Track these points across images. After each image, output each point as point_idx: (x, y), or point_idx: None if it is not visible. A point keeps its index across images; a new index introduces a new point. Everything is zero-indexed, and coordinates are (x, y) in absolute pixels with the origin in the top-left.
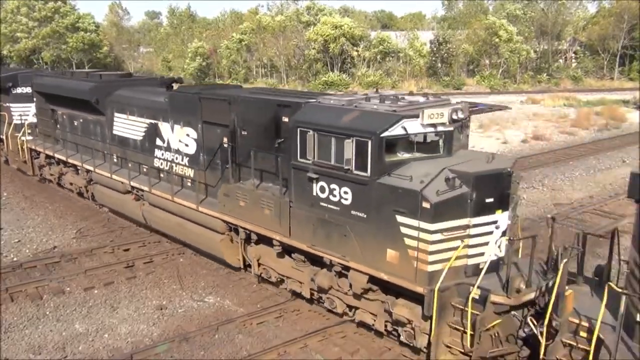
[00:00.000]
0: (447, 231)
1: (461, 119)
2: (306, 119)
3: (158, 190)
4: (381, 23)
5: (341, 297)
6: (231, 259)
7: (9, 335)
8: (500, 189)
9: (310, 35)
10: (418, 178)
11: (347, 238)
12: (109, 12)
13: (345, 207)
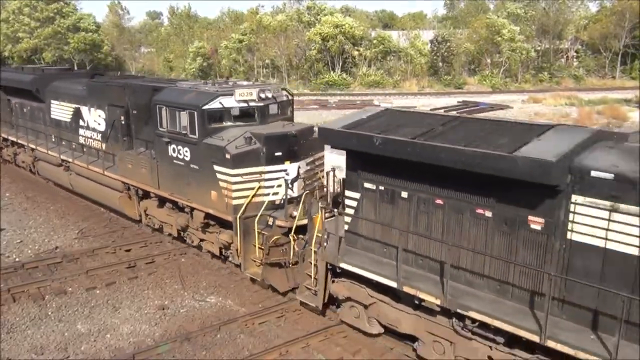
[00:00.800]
0: (245, 175)
1: (269, 98)
2: (162, 98)
3: (79, 161)
4: (382, 23)
5: (195, 233)
6: (130, 212)
7: (12, 335)
8: (287, 146)
9: (311, 36)
10: (227, 139)
11: (189, 185)
12: (109, 12)
13: (187, 162)
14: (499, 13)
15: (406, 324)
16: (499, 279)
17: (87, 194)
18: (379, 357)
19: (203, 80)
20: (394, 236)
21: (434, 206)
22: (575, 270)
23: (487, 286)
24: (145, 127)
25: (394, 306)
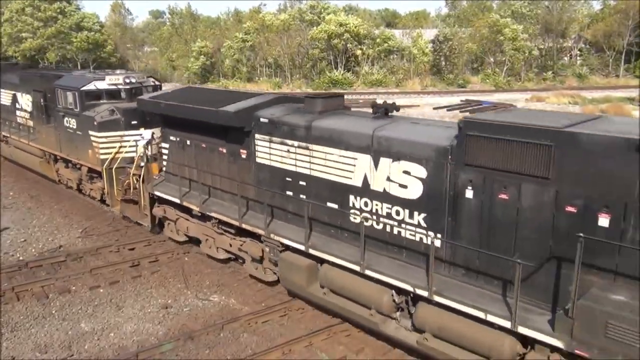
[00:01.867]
0: (109, 137)
1: (133, 82)
2: (59, 83)
3: (14, 136)
4: (385, 21)
5: (86, 184)
6: (50, 174)
7: (16, 334)
8: (141, 116)
9: (314, 34)
10: (98, 111)
11: (77, 147)
12: (111, 12)
13: (74, 129)
14: (502, 12)
15: (192, 230)
16: (230, 191)
17: (20, 162)
18: (381, 356)
19: (94, 70)
20: (186, 171)
21: (201, 149)
22: (261, 180)
23: (224, 197)
24: (53, 106)
25: (187, 219)
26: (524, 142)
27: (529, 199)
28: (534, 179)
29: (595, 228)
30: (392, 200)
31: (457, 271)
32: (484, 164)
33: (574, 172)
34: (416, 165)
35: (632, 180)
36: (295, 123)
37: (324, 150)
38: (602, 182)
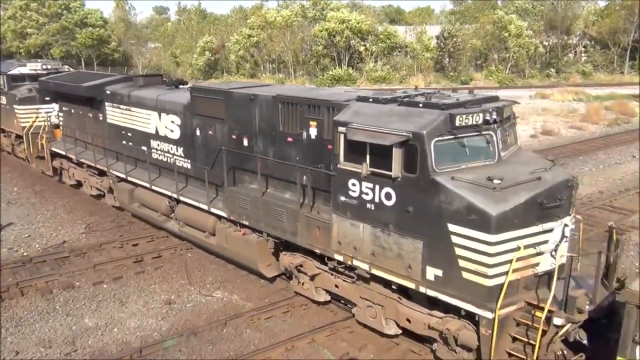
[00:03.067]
0: (27, 109)
1: (49, 69)
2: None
3: None
4: (389, 18)
5: (17, 149)
6: None
7: (20, 329)
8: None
9: (316, 32)
10: (20, 90)
11: (7, 119)
12: (116, 8)
13: (5, 105)
14: (507, 9)
15: (76, 175)
16: (96, 144)
17: None
18: (384, 352)
19: (20, 60)
20: (72, 132)
21: (79, 115)
22: (110, 134)
23: (94, 149)
24: None
25: (75, 168)
26: (214, 98)
27: (218, 132)
28: (220, 120)
29: (242, 146)
30: (168, 140)
31: (196, 182)
32: (201, 113)
33: (234, 115)
34: (176, 116)
35: (252, 117)
36: (123, 93)
37: (136, 110)
38: (244, 120)
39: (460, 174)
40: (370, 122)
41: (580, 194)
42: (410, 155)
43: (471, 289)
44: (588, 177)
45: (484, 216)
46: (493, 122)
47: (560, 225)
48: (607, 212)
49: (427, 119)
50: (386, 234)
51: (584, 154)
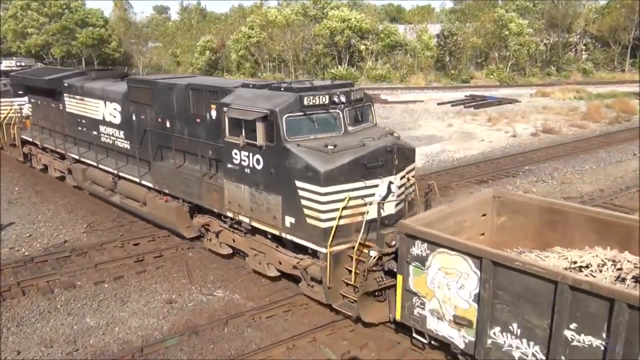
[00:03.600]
0: (3, 102)
1: (24, 66)
2: None
3: None
4: (390, 16)
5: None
6: None
7: (21, 329)
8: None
9: (317, 31)
10: None
11: None
12: (115, 7)
13: None
14: (507, 7)
15: (42, 159)
16: (58, 131)
17: None
18: (385, 351)
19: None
20: (39, 121)
21: (44, 105)
22: (69, 122)
23: (56, 135)
24: None
25: (42, 153)
26: (144, 87)
27: (148, 116)
28: (149, 106)
29: (165, 127)
30: (112, 125)
31: (134, 160)
32: (135, 100)
33: (159, 101)
34: (117, 104)
35: (172, 102)
36: (77, 85)
37: (88, 100)
38: (166, 105)
39: (307, 142)
40: (245, 103)
41: (581, 192)
42: (269, 128)
43: (312, 231)
44: (589, 176)
45: (316, 173)
46: (339, 102)
47: (385, 183)
48: (608, 210)
49: (281, 100)
50: (258, 192)
51: (585, 152)
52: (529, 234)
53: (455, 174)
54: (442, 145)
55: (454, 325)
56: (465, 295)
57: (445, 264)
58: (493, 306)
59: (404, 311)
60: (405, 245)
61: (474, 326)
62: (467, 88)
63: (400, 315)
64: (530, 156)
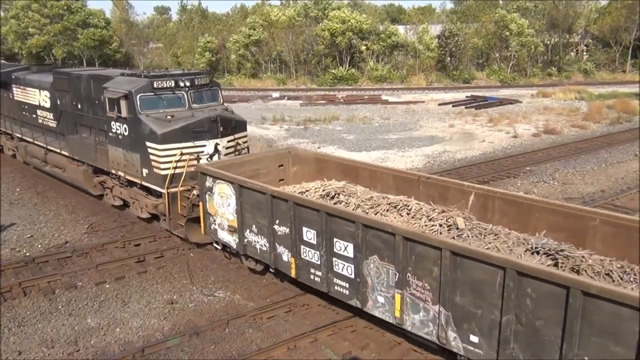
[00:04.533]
0: None
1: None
2: None
3: None
4: (390, 17)
5: None
6: None
7: (22, 329)
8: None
9: (318, 31)
10: None
11: None
12: (115, 8)
13: None
14: (509, 7)
15: (1, 142)
16: (12, 117)
17: None
18: (386, 351)
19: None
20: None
21: (2, 97)
22: (18, 109)
23: (11, 121)
24: None
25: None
26: (63, 78)
27: (67, 100)
28: (67, 92)
29: (77, 109)
30: (45, 109)
31: (59, 136)
32: (59, 88)
33: (73, 88)
34: (47, 92)
35: (80, 89)
36: (22, 77)
37: (29, 89)
38: (78, 91)
39: (155, 114)
40: (117, 86)
41: (582, 192)
42: (129, 104)
43: (157, 178)
44: (590, 176)
45: (156, 135)
46: (184, 86)
47: (211, 144)
48: (608, 210)
49: (137, 83)
50: (127, 152)
51: (586, 153)
52: (307, 177)
53: (457, 175)
54: (443, 145)
55: (229, 232)
56: (231, 210)
57: (221, 190)
58: (244, 215)
59: (206, 228)
60: (202, 181)
61: (237, 231)
62: (468, 88)
63: (204, 231)
64: (532, 157)
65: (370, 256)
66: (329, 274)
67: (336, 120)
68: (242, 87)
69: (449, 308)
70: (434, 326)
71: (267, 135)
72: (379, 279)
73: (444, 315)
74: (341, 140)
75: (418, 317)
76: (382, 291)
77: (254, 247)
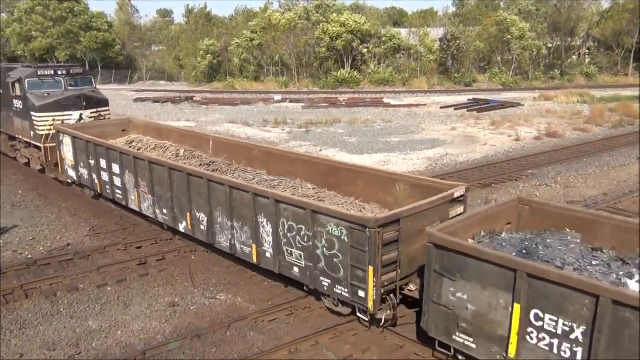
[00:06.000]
0: None
1: None
2: None
3: None
4: (392, 20)
5: None
6: None
7: (24, 331)
8: None
9: (318, 34)
10: None
11: None
12: (119, 10)
13: None
14: (510, 11)
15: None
16: None
17: None
18: (388, 355)
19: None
20: None
21: None
22: None
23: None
24: None
25: None
26: None
27: (9, 92)
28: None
29: (1, 94)
30: None
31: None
32: None
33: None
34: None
35: (1, 82)
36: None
37: None
38: (1, 81)
39: (38, 93)
40: (16, 75)
41: (584, 195)
42: (21, 87)
43: (38, 137)
44: (592, 179)
45: (35, 106)
46: (61, 74)
47: (77, 114)
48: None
49: (28, 72)
50: (22, 120)
51: (588, 156)
52: None
53: (459, 178)
54: (445, 149)
55: (72, 169)
56: (71, 151)
57: (66, 142)
58: (77, 156)
59: (62, 169)
60: (58, 137)
61: (75, 167)
62: (471, 92)
63: (61, 171)
64: (534, 160)
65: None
66: (112, 186)
67: (338, 123)
68: (245, 90)
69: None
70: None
71: (269, 137)
72: None
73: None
74: (343, 143)
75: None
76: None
77: (85, 178)
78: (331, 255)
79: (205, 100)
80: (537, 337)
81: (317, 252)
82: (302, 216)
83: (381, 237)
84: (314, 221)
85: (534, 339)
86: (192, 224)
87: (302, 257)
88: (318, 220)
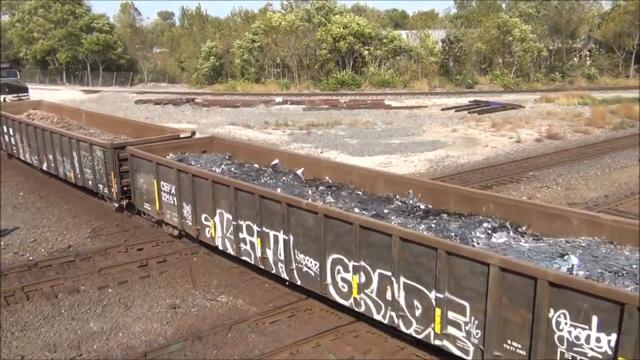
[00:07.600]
0: None
1: None
2: None
3: None
4: (393, 22)
5: None
6: None
7: (25, 333)
8: None
9: (320, 35)
10: None
11: None
12: (121, 12)
13: None
14: (511, 13)
15: None
16: None
17: None
18: (389, 356)
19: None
20: None
21: None
22: None
23: None
24: None
25: None
26: None
27: None
28: None
29: None
30: None
31: None
32: None
33: None
34: None
35: None
36: None
37: None
38: None
39: None
40: None
41: (585, 197)
42: None
43: None
44: (594, 181)
45: None
46: None
47: (2, 97)
48: (611, 215)
49: None
50: None
51: (589, 158)
52: None
53: (459, 180)
54: (446, 150)
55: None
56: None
57: None
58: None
59: None
60: None
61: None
62: (471, 93)
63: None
64: (535, 162)
65: (95, 150)
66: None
67: (339, 125)
68: (246, 92)
69: None
70: None
71: (270, 139)
72: None
73: None
74: (344, 145)
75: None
76: None
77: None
78: (98, 169)
79: (206, 102)
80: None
81: (96, 168)
82: None
83: (117, 155)
84: (91, 149)
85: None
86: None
87: (91, 174)
88: (92, 148)
